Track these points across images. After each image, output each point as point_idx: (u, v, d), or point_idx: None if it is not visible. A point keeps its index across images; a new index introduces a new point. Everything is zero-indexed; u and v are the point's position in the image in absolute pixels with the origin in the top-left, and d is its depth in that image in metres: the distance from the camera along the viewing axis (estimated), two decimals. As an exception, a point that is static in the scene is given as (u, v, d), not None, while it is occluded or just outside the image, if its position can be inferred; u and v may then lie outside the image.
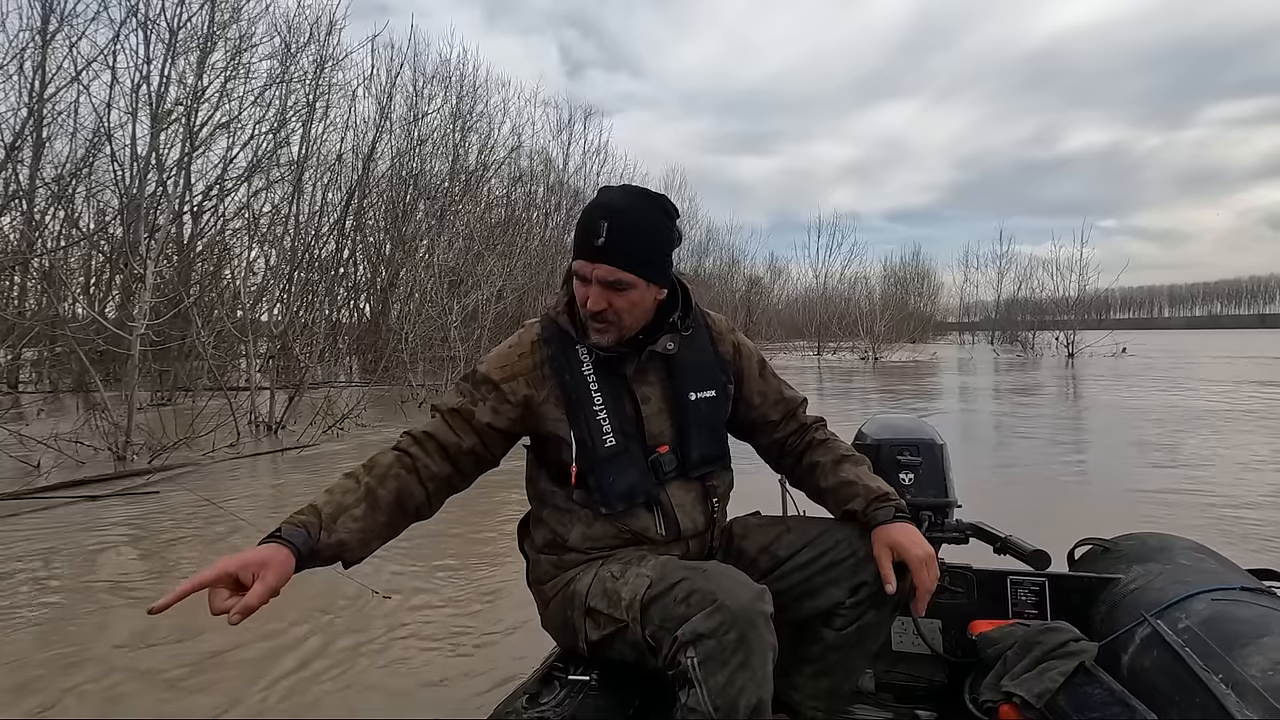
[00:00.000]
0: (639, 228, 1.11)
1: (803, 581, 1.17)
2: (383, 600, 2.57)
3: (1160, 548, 1.46)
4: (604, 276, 1.10)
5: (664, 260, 1.16)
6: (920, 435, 1.59)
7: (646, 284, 1.13)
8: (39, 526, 3.66)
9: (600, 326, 1.15)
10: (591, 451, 1.15)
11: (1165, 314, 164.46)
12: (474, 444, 1.16)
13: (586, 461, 1.15)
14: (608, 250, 1.09)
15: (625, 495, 1.15)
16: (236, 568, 0.92)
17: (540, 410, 1.18)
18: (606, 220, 1.09)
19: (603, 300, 1.11)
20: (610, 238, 1.09)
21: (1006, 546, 1.42)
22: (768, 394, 1.33)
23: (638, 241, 1.11)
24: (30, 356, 9.92)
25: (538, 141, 22.08)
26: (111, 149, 11.48)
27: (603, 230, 1.09)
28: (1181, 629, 1.16)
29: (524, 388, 1.18)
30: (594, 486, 1.15)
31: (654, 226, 1.13)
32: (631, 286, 1.12)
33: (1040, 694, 1.19)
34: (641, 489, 1.16)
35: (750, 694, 0.92)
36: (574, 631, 1.15)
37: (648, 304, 1.16)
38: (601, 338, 1.15)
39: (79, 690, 1.96)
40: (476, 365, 1.22)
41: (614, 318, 1.13)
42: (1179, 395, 10.11)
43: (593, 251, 1.10)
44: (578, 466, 1.15)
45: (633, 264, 1.10)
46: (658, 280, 1.16)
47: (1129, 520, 3.42)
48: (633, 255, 1.10)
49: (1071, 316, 25.84)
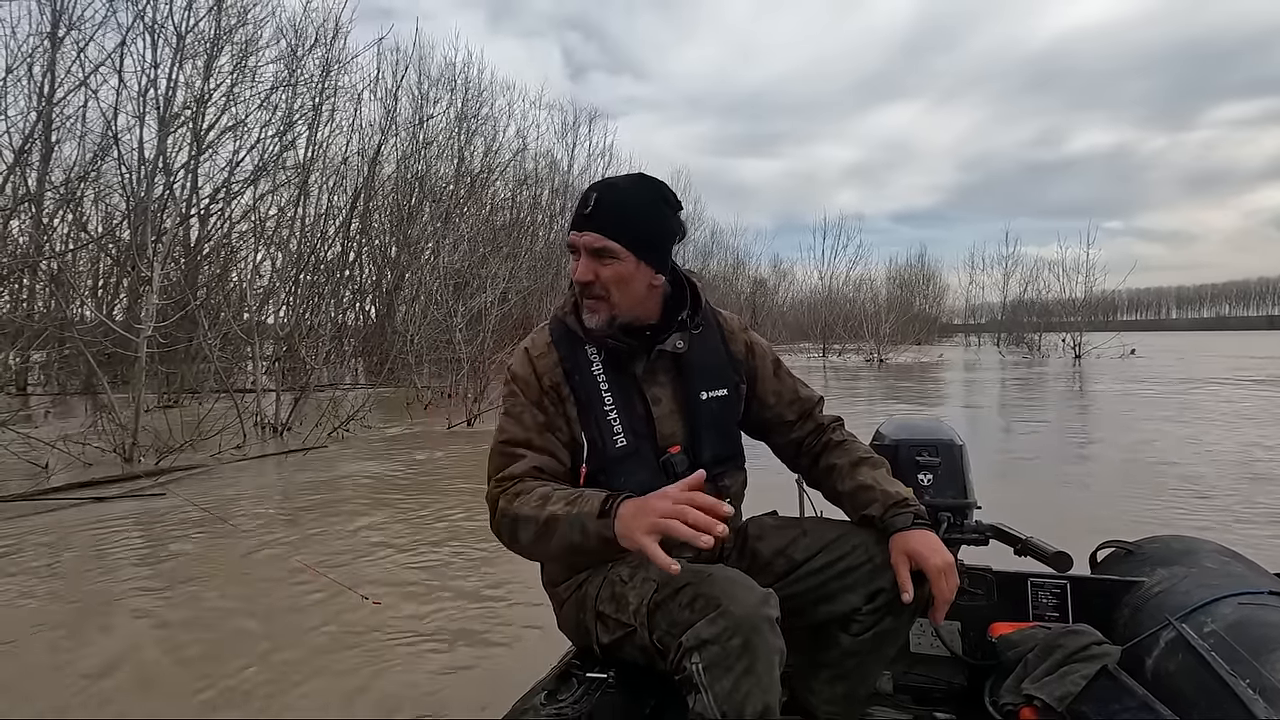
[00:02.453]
0: (628, 201, 1.11)
1: (819, 586, 1.15)
2: (377, 604, 2.56)
3: (1185, 551, 1.43)
4: (590, 244, 1.10)
5: (656, 240, 1.14)
6: (939, 436, 1.56)
7: (637, 261, 1.11)
8: (46, 527, 3.67)
9: (591, 304, 1.13)
10: (602, 452, 1.13)
11: (1173, 315, 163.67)
12: (562, 453, 1.15)
13: (597, 462, 1.13)
14: (594, 217, 1.10)
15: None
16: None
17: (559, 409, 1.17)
18: (596, 193, 1.11)
19: (590, 271, 1.11)
20: (597, 207, 1.10)
21: (1027, 548, 1.40)
22: (783, 393, 1.31)
23: (625, 214, 1.10)
24: (39, 359, 9.97)
25: (542, 144, 22.18)
26: (119, 153, 11.61)
27: (591, 201, 1.11)
28: (1207, 633, 1.13)
29: (551, 382, 1.17)
30: (604, 487, 1.13)
31: (645, 204, 1.12)
32: (617, 257, 1.10)
33: (1062, 697, 1.17)
34: (652, 489, 1.15)
35: (756, 700, 0.90)
36: (587, 633, 1.14)
37: (639, 284, 1.13)
38: (593, 318, 1.13)
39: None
40: (509, 381, 1.19)
41: (602, 291, 1.12)
42: (1195, 396, 10.05)
43: (580, 220, 1.11)
44: (588, 467, 1.13)
45: (618, 233, 1.09)
46: (649, 259, 1.13)
47: (1151, 523, 3.43)
48: (618, 225, 1.10)
49: (1078, 318, 25.69)
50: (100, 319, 7.61)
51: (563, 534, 1.01)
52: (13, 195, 9.24)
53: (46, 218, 10.60)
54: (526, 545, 1.08)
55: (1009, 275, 34.33)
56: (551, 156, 21.99)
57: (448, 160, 18.11)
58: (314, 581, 2.74)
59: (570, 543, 1.01)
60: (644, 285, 1.14)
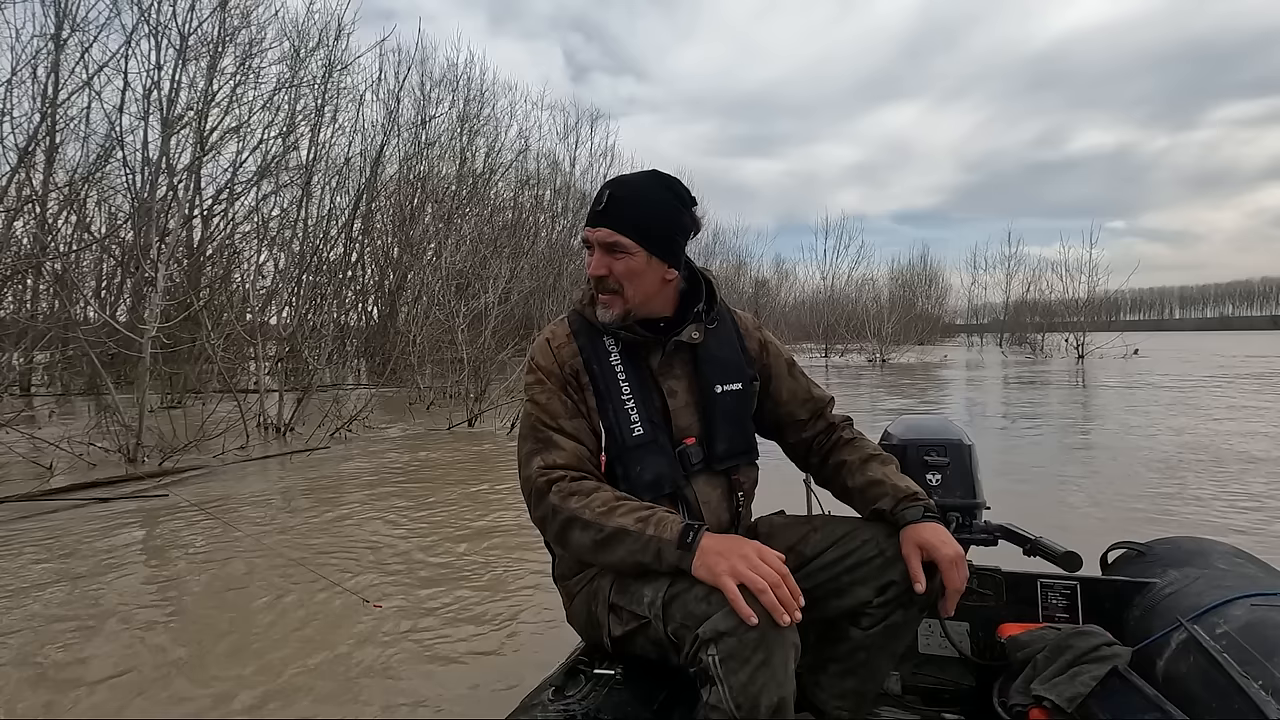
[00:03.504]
0: (641, 197, 1.15)
1: (829, 580, 1.15)
2: (378, 607, 2.55)
3: (1197, 552, 1.42)
4: (603, 239, 1.14)
5: (668, 235, 1.17)
6: (948, 435, 1.56)
7: (648, 255, 1.15)
8: (48, 528, 3.67)
9: (605, 298, 1.16)
10: (620, 441, 1.15)
11: (1176, 315, 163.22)
12: (589, 439, 1.16)
13: (615, 450, 1.15)
14: (607, 213, 1.14)
15: (653, 485, 1.15)
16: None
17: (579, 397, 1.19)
18: (610, 189, 1.15)
19: (603, 265, 1.15)
20: (610, 203, 1.14)
21: (1036, 548, 1.39)
22: (797, 392, 1.34)
23: (638, 209, 1.14)
24: (42, 360, 9.98)
25: (544, 144, 22.21)
26: (123, 154, 11.66)
27: (605, 197, 1.15)
28: (1219, 634, 1.12)
29: (571, 370, 1.19)
30: (621, 476, 1.15)
31: (657, 200, 1.16)
32: (629, 252, 1.13)
33: (1072, 698, 1.16)
34: (669, 479, 1.16)
35: (772, 692, 0.91)
36: (598, 626, 1.14)
37: (651, 280, 1.17)
38: (607, 312, 1.17)
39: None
40: (533, 370, 1.20)
41: (616, 285, 1.15)
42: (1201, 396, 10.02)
43: (594, 216, 1.16)
44: (606, 456, 1.15)
45: (631, 229, 1.13)
46: (661, 254, 1.16)
47: (1162, 522, 3.41)
48: (631, 221, 1.13)
49: (1081, 318, 25.61)
50: (104, 320, 7.61)
51: (630, 550, 1.02)
52: (17, 196, 9.27)
53: (50, 218, 10.62)
54: (577, 547, 1.08)
55: (1012, 275, 34.28)
56: (553, 157, 22.05)
57: (450, 161, 18.14)
58: (316, 583, 2.74)
59: (637, 562, 1.02)
60: (657, 279, 1.18)
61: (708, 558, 0.95)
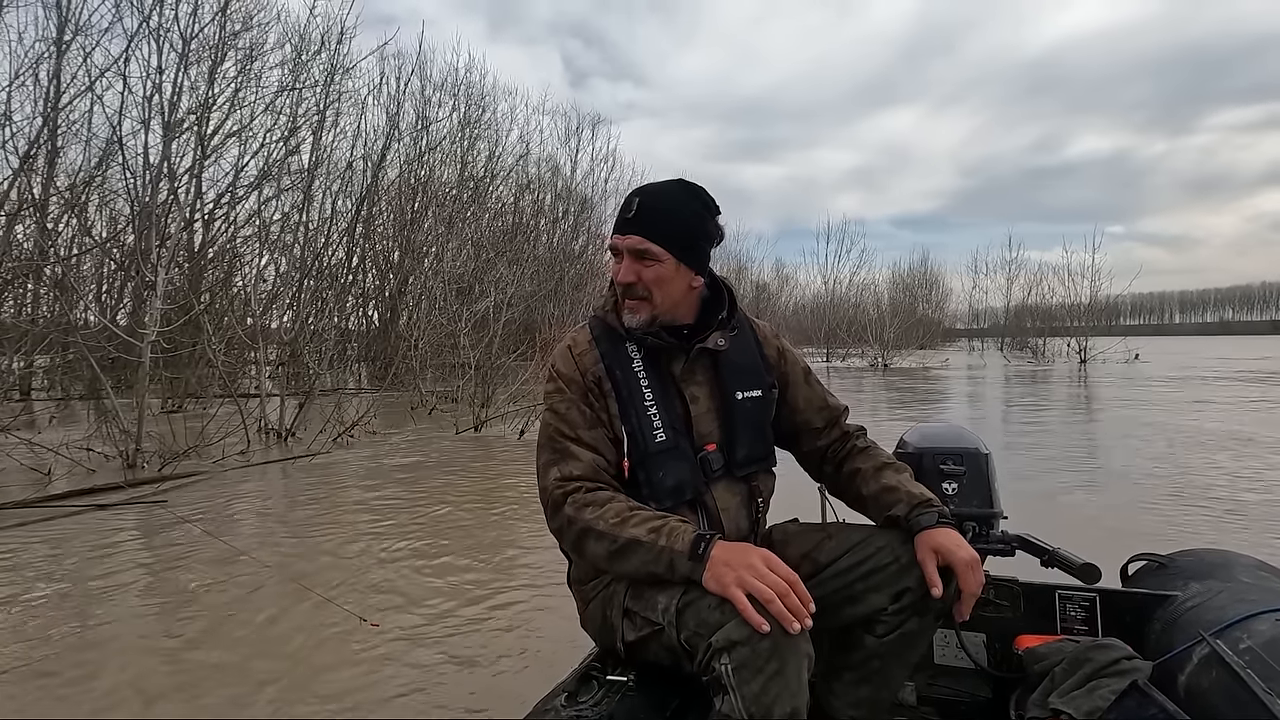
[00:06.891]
0: (670, 205, 1.17)
1: (844, 588, 1.14)
2: (375, 626, 2.52)
3: (1220, 564, 1.40)
4: (633, 246, 1.16)
5: (696, 243, 1.18)
6: (964, 444, 1.54)
7: (677, 263, 1.16)
8: (46, 536, 3.65)
9: (632, 304, 1.18)
10: (643, 447, 1.15)
11: (1176, 320, 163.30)
12: (608, 449, 1.16)
13: (638, 456, 1.15)
14: (636, 221, 1.16)
15: (675, 490, 1.15)
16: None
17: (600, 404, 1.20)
18: (639, 198, 1.17)
19: (632, 272, 1.16)
20: (639, 211, 1.16)
21: (1055, 559, 1.36)
22: (813, 400, 1.34)
23: (668, 217, 1.16)
24: (42, 364, 9.96)
25: (545, 149, 22.21)
26: (124, 157, 11.66)
27: (634, 206, 1.16)
28: (1243, 649, 1.10)
29: (593, 377, 1.20)
30: (644, 481, 1.15)
31: (685, 208, 1.18)
32: (658, 259, 1.15)
33: (1090, 712, 1.15)
34: (691, 485, 1.17)
35: (785, 703, 0.90)
36: (612, 631, 1.14)
37: (679, 286, 1.18)
38: (634, 317, 1.18)
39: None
40: (554, 378, 1.21)
41: (644, 292, 1.17)
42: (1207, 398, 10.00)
43: (623, 224, 1.17)
44: (629, 461, 1.15)
45: (660, 236, 1.15)
46: (689, 262, 1.18)
47: (1184, 533, 3.33)
48: (661, 229, 1.15)
49: (1082, 323, 25.60)
50: (104, 324, 7.60)
51: (642, 560, 1.03)
52: (18, 199, 9.26)
53: (51, 222, 10.62)
54: (593, 557, 1.09)
55: (1012, 280, 34.23)
56: (554, 161, 22.05)
57: (451, 165, 18.18)
58: (311, 599, 2.68)
59: (650, 572, 1.03)
60: (684, 286, 1.20)
61: (716, 569, 0.96)
